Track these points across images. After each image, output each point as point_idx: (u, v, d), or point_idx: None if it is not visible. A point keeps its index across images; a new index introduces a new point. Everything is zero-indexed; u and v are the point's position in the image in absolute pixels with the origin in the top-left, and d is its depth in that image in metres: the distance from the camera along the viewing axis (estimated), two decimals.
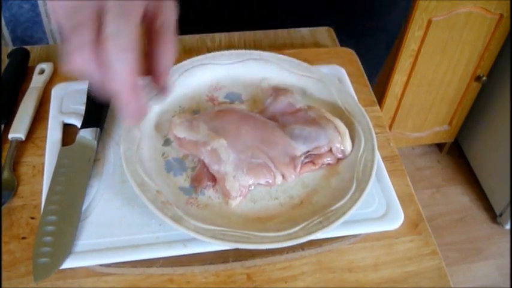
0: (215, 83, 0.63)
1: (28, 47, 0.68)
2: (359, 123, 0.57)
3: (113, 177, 0.53)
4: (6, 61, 0.65)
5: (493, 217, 1.80)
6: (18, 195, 0.53)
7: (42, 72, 0.64)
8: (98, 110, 0.58)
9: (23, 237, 0.50)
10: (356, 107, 0.59)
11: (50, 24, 1.64)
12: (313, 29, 0.78)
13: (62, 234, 0.47)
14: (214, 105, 0.60)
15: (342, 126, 0.56)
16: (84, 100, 0.58)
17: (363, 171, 0.53)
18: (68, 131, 0.57)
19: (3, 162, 0.55)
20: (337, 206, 0.50)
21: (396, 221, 0.52)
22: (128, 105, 0.42)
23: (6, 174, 0.54)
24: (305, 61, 0.64)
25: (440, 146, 2.00)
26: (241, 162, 0.52)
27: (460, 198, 1.87)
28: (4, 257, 0.48)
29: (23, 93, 0.61)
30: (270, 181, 0.53)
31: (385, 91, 1.66)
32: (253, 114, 0.57)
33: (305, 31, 0.77)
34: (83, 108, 0.58)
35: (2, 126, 0.58)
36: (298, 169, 0.54)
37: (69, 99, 0.60)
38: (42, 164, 0.54)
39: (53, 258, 0.46)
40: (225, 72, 0.63)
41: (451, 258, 1.69)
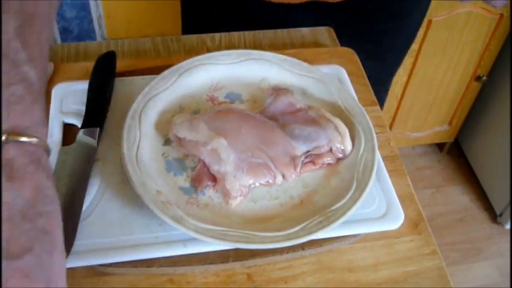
0: (215, 83, 0.63)
1: None
2: (359, 123, 0.57)
3: (113, 177, 0.53)
4: None
5: (493, 217, 1.80)
6: None
7: None
8: (98, 109, 0.57)
9: None
10: (356, 106, 0.59)
11: None
12: (313, 28, 0.78)
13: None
14: (215, 105, 0.60)
15: (342, 126, 0.56)
16: (84, 100, 0.58)
17: (363, 171, 0.53)
18: (68, 131, 0.57)
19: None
20: (337, 205, 0.50)
21: (396, 220, 0.52)
22: None
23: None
24: (305, 61, 0.64)
25: (440, 146, 2.00)
26: (241, 162, 0.52)
27: (460, 198, 1.87)
28: None
29: None
30: (270, 181, 0.53)
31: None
32: (253, 114, 0.57)
33: (305, 31, 0.77)
34: (83, 108, 0.58)
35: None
36: (299, 169, 0.54)
37: (69, 99, 0.60)
38: None
39: None
40: (225, 72, 0.63)
41: (451, 258, 1.69)
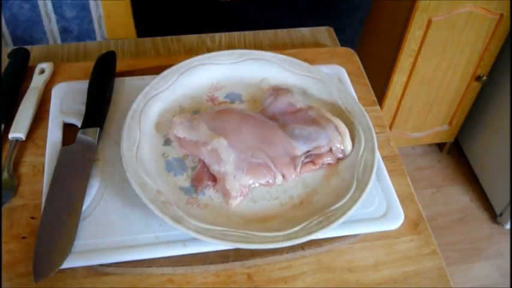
0: (215, 83, 0.63)
1: (28, 47, 0.68)
2: (359, 123, 0.57)
3: (113, 177, 0.53)
4: (6, 61, 0.65)
5: (493, 217, 1.80)
6: (19, 195, 0.53)
7: (42, 72, 0.64)
8: (98, 109, 0.57)
9: (23, 237, 0.50)
10: (356, 106, 0.59)
11: (50, 24, 1.64)
12: (314, 28, 0.78)
13: (62, 234, 0.47)
14: (215, 105, 0.60)
15: (342, 126, 0.56)
16: (84, 100, 0.58)
17: (363, 171, 0.53)
18: (68, 131, 0.57)
19: (4, 162, 0.55)
20: (337, 205, 0.50)
21: (396, 220, 0.52)
22: None
23: (6, 174, 0.54)
24: (305, 61, 0.64)
25: (440, 146, 2.00)
26: (241, 162, 0.52)
27: (460, 198, 1.87)
28: (4, 256, 0.48)
29: (23, 93, 0.61)
30: (270, 181, 0.53)
31: (385, 91, 1.66)
32: (253, 114, 0.57)
33: (305, 31, 0.77)
34: (83, 108, 0.58)
35: (2, 126, 0.58)
36: (299, 169, 0.54)
37: (69, 99, 0.60)
38: (43, 164, 0.54)
39: (53, 258, 0.46)
40: (225, 72, 0.63)
41: (451, 258, 1.69)
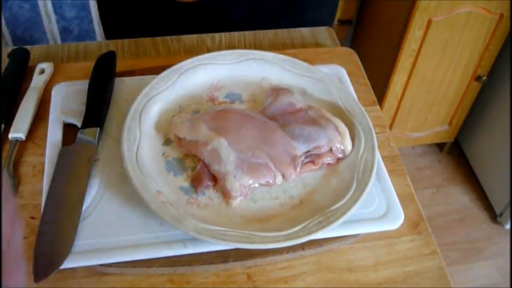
0: (215, 83, 0.63)
1: (28, 47, 0.68)
2: (359, 123, 0.57)
3: (113, 177, 0.53)
4: (6, 61, 0.65)
5: (493, 217, 1.80)
6: (19, 195, 0.53)
7: (42, 72, 0.64)
8: (98, 109, 0.57)
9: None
10: (356, 106, 0.59)
11: (50, 24, 1.64)
12: (313, 28, 0.78)
13: (62, 234, 0.47)
14: (215, 105, 0.60)
15: (342, 126, 0.56)
16: (84, 100, 0.58)
17: (363, 171, 0.53)
18: (68, 131, 0.57)
19: (4, 162, 0.55)
20: (337, 205, 0.50)
21: (396, 220, 0.52)
22: None
23: (6, 174, 0.54)
24: (305, 61, 0.64)
25: (440, 146, 2.00)
26: (241, 162, 0.52)
27: (460, 198, 1.87)
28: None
29: (23, 93, 0.61)
30: (270, 181, 0.53)
31: (385, 91, 1.66)
32: (253, 114, 0.57)
33: (305, 31, 0.77)
34: (83, 108, 0.58)
35: (2, 126, 0.58)
36: (299, 169, 0.54)
37: (69, 99, 0.60)
38: (43, 164, 0.54)
39: (53, 258, 0.46)
40: (225, 72, 0.63)
41: (451, 258, 1.69)
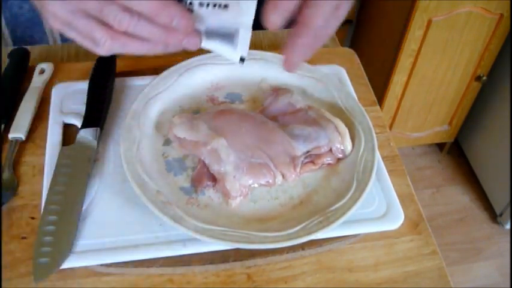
0: (215, 83, 0.63)
1: (28, 47, 0.68)
2: (359, 123, 0.57)
3: (113, 177, 0.53)
4: (6, 61, 0.65)
5: (493, 217, 1.80)
6: (19, 195, 0.53)
7: (42, 72, 0.64)
8: (98, 110, 0.57)
9: (23, 237, 0.50)
10: (356, 106, 0.59)
11: None
12: None
13: (62, 234, 0.47)
14: (215, 105, 0.60)
15: (342, 126, 0.56)
16: (84, 100, 0.58)
17: (363, 171, 0.53)
18: (68, 131, 0.57)
19: (4, 162, 0.55)
20: (337, 205, 0.50)
21: (396, 220, 0.52)
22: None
23: (6, 174, 0.54)
24: (305, 61, 0.64)
25: (440, 146, 2.00)
26: (241, 162, 0.52)
27: (460, 198, 1.87)
28: (4, 257, 0.48)
29: (23, 93, 0.61)
30: (270, 181, 0.53)
31: (385, 91, 1.66)
32: (253, 114, 0.57)
33: None
34: (83, 108, 0.58)
35: (2, 126, 0.58)
36: (299, 169, 0.54)
37: (69, 99, 0.60)
38: (43, 164, 0.54)
39: (53, 258, 0.46)
40: (225, 72, 0.63)
41: (451, 258, 1.69)
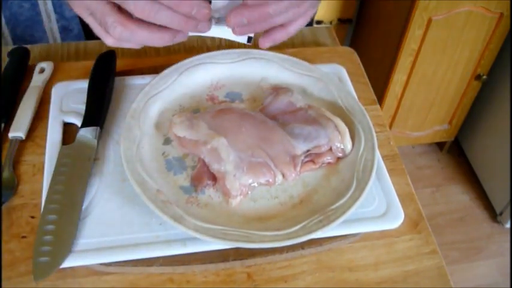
0: (215, 82, 0.63)
1: (28, 46, 0.68)
2: (359, 122, 0.57)
3: (113, 176, 0.53)
4: (6, 60, 0.65)
5: (493, 216, 1.80)
6: (19, 194, 0.53)
7: (42, 71, 0.64)
8: (98, 109, 0.57)
9: (23, 236, 0.50)
10: (356, 106, 0.59)
11: (50, 23, 1.64)
12: (314, 27, 0.78)
13: (62, 233, 0.47)
14: (215, 104, 0.60)
15: (342, 125, 0.56)
16: (84, 99, 0.58)
17: (363, 170, 0.53)
18: (68, 130, 0.57)
19: (4, 161, 0.55)
20: (337, 205, 0.50)
21: (396, 220, 0.52)
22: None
23: (6, 173, 0.54)
24: (305, 60, 0.64)
25: (440, 145, 2.00)
26: (241, 161, 0.52)
27: (460, 197, 1.87)
28: (4, 256, 0.48)
29: (23, 92, 0.61)
30: (270, 180, 0.52)
31: (385, 90, 1.66)
32: (253, 113, 0.57)
33: (305, 30, 0.77)
34: (83, 107, 0.58)
35: (2, 125, 0.58)
36: (299, 168, 0.54)
37: (69, 98, 0.60)
38: (42, 163, 0.54)
39: (53, 257, 0.46)
40: (225, 71, 0.63)
41: (451, 257, 1.69)
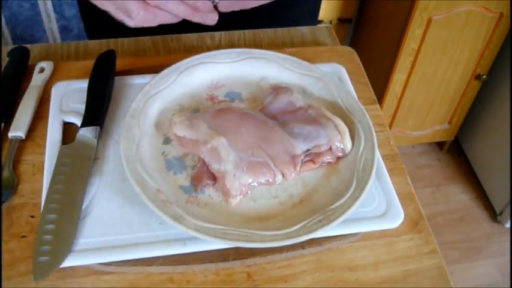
0: (215, 82, 0.63)
1: (28, 46, 0.68)
2: (359, 122, 0.57)
3: (112, 176, 0.53)
4: (6, 60, 0.65)
5: (493, 216, 1.80)
6: (18, 194, 0.53)
7: (42, 70, 0.64)
8: (98, 108, 0.57)
9: (23, 236, 0.50)
10: (356, 105, 0.59)
11: (50, 23, 1.64)
12: (313, 27, 0.78)
13: (62, 232, 0.47)
14: (214, 104, 0.60)
15: (341, 124, 0.56)
16: (84, 99, 0.58)
17: (363, 170, 0.53)
18: (68, 130, 0.57)
19: (3, 160, 0.55)
20: (337, 204, 0.50)
21: (396, 219, 0.52)
22: None
23: (6, 173, 0.54)
24: (305, 59, 0.64)
25: (440, 145, 2.00)
26: (241, 161, 0.52)
27: (460, 196, 1.87)
28: (4, 255, 0.48)
29: (23, 92, 0.61)
30: (270, 180, 0.53)
31: (385, 90, 1.66)
32: (253, 113, 0.57)
33: (305, 29, 0.77)
34: (83, 106, 0.58)
35: (2, 125, 0.58)
36: (298, 168, 0.54)
37: (69, 98, 0.60)
38: (42, 163, 0.54)
39: (53, 256, 0.46)
40: (225, 70, 0.63)
41: (451, 257, 1.69)
